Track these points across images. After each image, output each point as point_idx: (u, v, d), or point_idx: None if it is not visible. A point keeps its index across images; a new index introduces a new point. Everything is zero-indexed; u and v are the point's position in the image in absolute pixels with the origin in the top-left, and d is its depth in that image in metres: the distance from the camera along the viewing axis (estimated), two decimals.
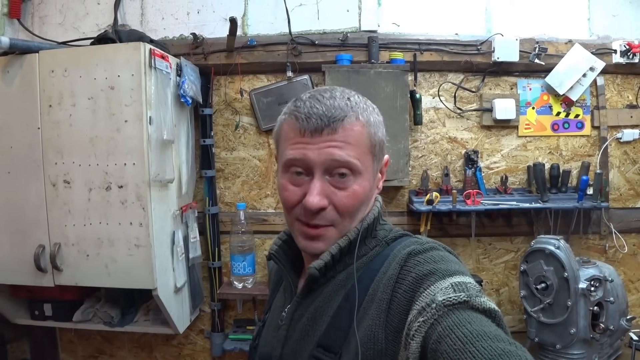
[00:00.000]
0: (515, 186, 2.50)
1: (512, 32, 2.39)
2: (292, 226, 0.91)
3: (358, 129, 0.85)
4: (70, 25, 2.53)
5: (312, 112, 0.83)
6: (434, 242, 0.86)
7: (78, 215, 1.99)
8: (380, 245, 0.91)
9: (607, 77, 2.49)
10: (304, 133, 0.83)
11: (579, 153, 2.51)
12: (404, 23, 2.46)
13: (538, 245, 2.10)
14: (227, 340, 2.47)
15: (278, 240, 1.00)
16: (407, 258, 0.81)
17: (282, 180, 0.89)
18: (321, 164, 0.83)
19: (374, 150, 0.88)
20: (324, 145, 0.82)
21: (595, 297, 1.99)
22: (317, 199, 0.83)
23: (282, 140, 0.89)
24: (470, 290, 0.70)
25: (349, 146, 0.83)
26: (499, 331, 0.63)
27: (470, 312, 0.67)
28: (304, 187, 0.85)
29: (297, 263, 1.00)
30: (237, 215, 2.41)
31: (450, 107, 2.48)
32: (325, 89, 0.89)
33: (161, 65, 2.00)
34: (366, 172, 0.87)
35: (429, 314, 0.68)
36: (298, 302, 0.92)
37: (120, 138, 1.93)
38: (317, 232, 0.87)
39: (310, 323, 0.87)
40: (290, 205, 0.88)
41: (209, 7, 2.49)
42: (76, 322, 2.28)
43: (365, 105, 0.89)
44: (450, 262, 0.79)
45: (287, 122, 0.88)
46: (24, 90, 2.01)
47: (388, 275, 0.81)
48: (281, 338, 0.92)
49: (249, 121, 2.54)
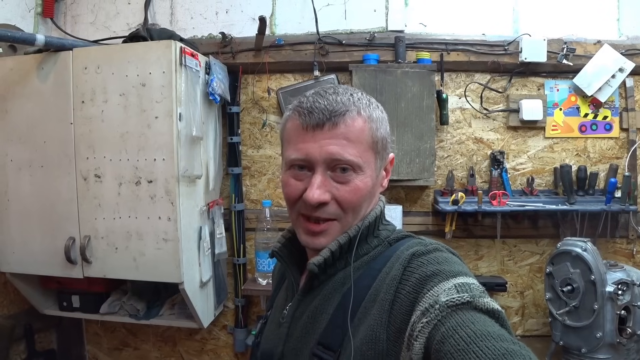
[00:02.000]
0: (541, 188, 2.47)
1: (539, 32, 2.38)
2: (296, 222, 0.92)
3: (359, 124, 0.85)
4: (102, 24, 2.60)
5: (315, 106, 0.84)
6: (438, 243, 0.87)
7: (108, 209, 2.03)
8: (382, 245, 0.91)
9: (636, 79, 2.45)
10: (306, 128, 0.84)
11: (607, 155, 2.47)
12: (430, 23, 2.46)
13: (565, 248, 2.08)
14: (250, 336, 2.49)
15: (282, 239, 1.01)
16: (410, 259, 0.82)
17: (285, 176, 0.90)
18: (322, 161, 0.84)
19: (376, 146, 0.88)
20: (325, 142, 0.83)
21: (623, 301, 1.96)
22: (318, 193, 0.83)
23: (286, 138, 0.91)
24: (473, 290, 0.70)
25: (350, 143, 0.84)
26: (503, 331, 0.64)
27: (473, 312, 0.67)
28: (306, 182, 0.86)
29: (301, 262, 1.00)
30: (262, 213, 2.43)
31: (477, 107, 2.47)
32: (329, 86, 0.90)
33: (191, 63, 2.03)
34: (368, 169, 0.87)
35: (432, 315, 0.68)
36: (299, 300, 0.93)
37: (150, 134, 1.97)
38: (319, 228, 0.87)
39: (311, 321, 0.88)
40: (292, 200, 0.88)
41: (237, 7, 2.52)
42: (103, 314, 2.32)
43: (368, 101, 0.89)
44: (453, 263, 0.79)
45: (290, 119, 0.89)
46: (58, 87, 2.06)
47: (391, 276, 0.81)
48: (282, 335, 0.92)
49: (275, 119, 2.56)
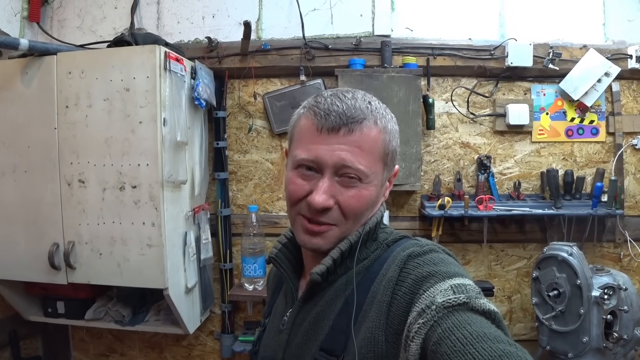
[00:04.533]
0: (528, 192, 2.48)
1: (526, 37, 2.38)
2: (294, 220, 0.90)
3: (374, 134, 0.84)
4: (88, 28, 2.58)
5: (332, 109, 0.82)
6: (434, 244, 0.86)
7: (92, 214, 2.02)
8: (380, 248, 0.91)
9: (622, 83, 2.46)
10: (320, 130, 0.83)
11: (594, 159, 2.48)
12: (417, 28, 2.47)
13: (551, 252, 2.08)
14: (237, 342, 2.48)
15: (278, 244, 1.00)
16: (406, 260, 0.81)
17: (290, 173, 0.88)
18: (332, 166, 0.82)
19: (386, 158, 0.88)
20: (338, 147, 0.82)
21: (609, 305, 1.97)
22: (323, 198, 0.82)
23: (296, 136, 0.89)
24: (469, 292, 0.70)
25: (362, 153, 0.82)
26: (499, 332, 0.63)
27: (470, 313, 0.67)
28: (312, 184, 0.84)
29: (298, 267, 1.00)
30: (249, 218, 2.42)
31: (463, 112, 2.47)
32: (347, 90, 0.88)
33: (176, 68, 2.02)
34: (375, 179, 0.86)
35: (428, 316, 0.68)
36: (300, 307, 0.92)
37: (134, 139, 1.96)
38: (319, 229, 0.86)
39: (313, 327, 0.87)
40: (295, 200, 0.87)
41: (223, 12, 2.52)
42: (88, 320, 2.30)
43: (384, 112, 0.88)
44: (449, 264, 0.79)
45: (305, 117, 0.87)
46: (42, 91, 2.04)
47: (387, 278, 0.81)
48: (283, 342, 0.92)
49: (262, 124, 2.56)
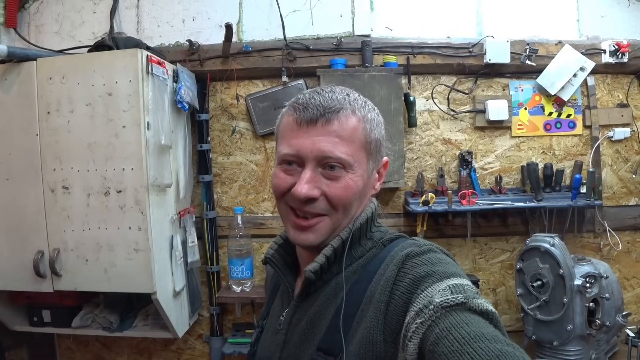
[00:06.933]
0: (509, 186, 2.53)
1: (503, 34, 2.43)
2: (285, 217, 0.91)
3: (353, 123, 0.86)
4: (67, 33, 2.56)
5: (310, 102, 0.85)
6: (432, 244, 0.87)
7: (77, 220, 2.00)
8: (376, 247, 0.91)
9: (597, 77, 2.53)
10: (300, 123, 0.85)
11: (572, 152, 2.54)
12: (396, 27, 2.50)
13: (533, 244, 2.12)
14: (226, 344, 2.47)
15: (274, 245, 1.00)
16: (404, 260, 0.82)
17: (275, 170, 0.90)
18: (313, 157, 0.84)
19: (369, 147, 0.88)
20: (317, 138, 0.83)
21: (591, 293, 2.01)
22: (307, 187, 0.83)
23: (280, 134, 0.91)
24: (467, 292, 0.70)
25: (342, 141, 0.84)
26: (497, 332, 0.64)
27: (467, 313, 0.67)
28: (295, 177, 0.85)
29: (294, 267, 1.00)
30: (234, 220, 2.43)
31: (444, 109, 2.51)
32: (327, 86, 0.90)
33: (158, 71, 2.02)
34: (359, 168, 0.87)
35: (426, 316, 0.68)
36: (296, 306, 0.92)
37: (118, 143, 1.95)
38: (308, 224, 0.87)
39: (310, 327, 0.87)
40: (280, 192, 0.88)
41: (204, 15, 2.52)
42: (75, 328, 2.28)
43: (364, 102, 0.90)
44: (447, 264, 0.80)
45: (286, 115, 0.90)
46: (22, 98, 2.02)
47: (385, 277, 0.81)
48: (280, 342, 0.92)
49: (245, 126, 2.56)
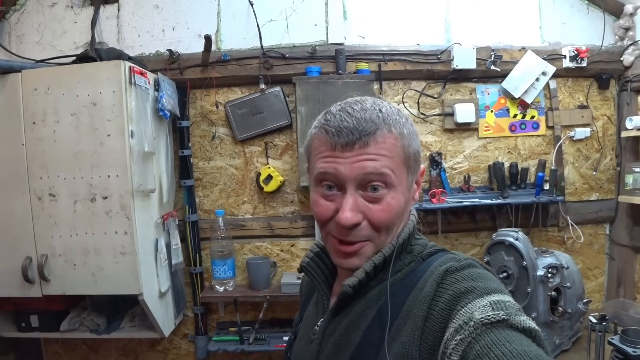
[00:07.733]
0: (477, 184, 2.66)
1: (469, 41, 2.57)
2: (326, 240, 0.89)
3: (391, 142, 0.81)
4: (48, 43, 2.61)
5: (343, 125, 0.79)
6: (472, 258, 0.83)
7: (64, 226, 2.07)
8: (415, 260, 0.87)
9: (559, 81, 2.68)
10: (334, 147, 0.80)
11: (536, 151, 2.68)
12: (369, 35, 2.61)
13: (499, 238, 2.25)
14: (211, 342, 2.55)
15: (310, 253, 0.98)
16: (444, 275, 0.78)
17: (314, 194, 0.86)
18: (354, 179, 0.80)
19: (409, 162, 0.84)
20: (356, 159, 0.79)
21: (553, 283, 2.15)
22: (350, 215, 0.79)
23: (312, 154, 0.86)
24: (509, 308, 0.67)
25: (383, 158, 0.79)
26: (540, 351, 0.61)
27: (509, 330, 0.64)
28: (337, 202, 0.82)
29: (330, 275, 0.99)
30: (216, 222, 2.52)
31: (415, 112, 2.63)
32: (355, 100, 0.85)
33: (140, 81, 2.10)
34: (400, 185, 0.83)
35: (466, 332, 0.65)
36: (330, 317, 0.91)
37: (103, 151, 2.02)
38: (352, 249, 0.84)
39: (343, 338, 0.86)
40: (323, 221, 0.85)
41: (183, 25, 2.60)
42: (63, 332, 2.33)
43: (398, 116, 0.84)
44: (488, 279, 0.76)
45: (317, 137, 0.85)
46: (7, 109, 2.08)
47: (424, 292, 0.78)
48: (314, 352, 0.90)
49: (224, 132, 2.65)
